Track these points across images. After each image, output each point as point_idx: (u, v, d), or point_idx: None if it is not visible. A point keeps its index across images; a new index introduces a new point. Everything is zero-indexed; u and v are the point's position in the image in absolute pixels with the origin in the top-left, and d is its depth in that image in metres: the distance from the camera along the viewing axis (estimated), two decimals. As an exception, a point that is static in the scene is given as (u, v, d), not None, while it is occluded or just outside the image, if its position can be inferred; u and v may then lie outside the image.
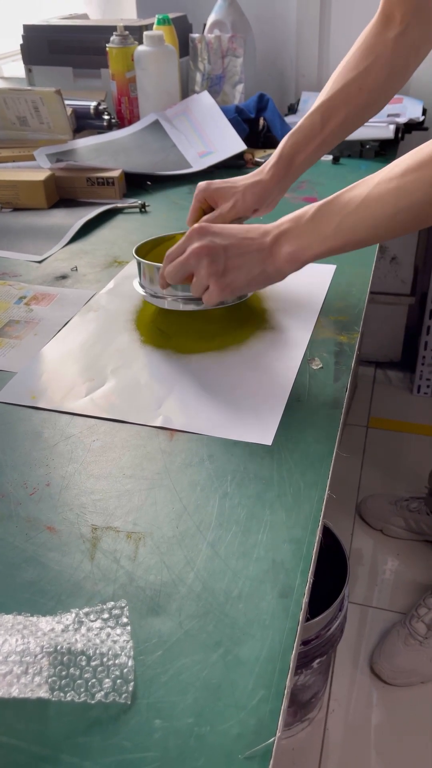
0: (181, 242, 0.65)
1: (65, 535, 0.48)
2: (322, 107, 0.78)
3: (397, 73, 0.78)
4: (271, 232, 0.62)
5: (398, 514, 1.53)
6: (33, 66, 1.42)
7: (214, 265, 0.62)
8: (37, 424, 0.60)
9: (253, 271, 0.63)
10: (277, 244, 0.62)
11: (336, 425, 0.58)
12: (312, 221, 0.60)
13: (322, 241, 0.60)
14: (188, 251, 0.63)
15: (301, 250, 0.61)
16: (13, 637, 0.39)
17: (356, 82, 0.77)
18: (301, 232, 0.61)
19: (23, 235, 0.97)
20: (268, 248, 0.62)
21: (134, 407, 0.61)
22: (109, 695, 0.37)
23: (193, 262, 0.63)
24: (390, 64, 0.77)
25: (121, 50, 1.26)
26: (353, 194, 0.59)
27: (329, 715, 1.21)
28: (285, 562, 0.45)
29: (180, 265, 0.64)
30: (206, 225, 0.63)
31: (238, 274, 0.63)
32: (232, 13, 1.38)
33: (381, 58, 0.77)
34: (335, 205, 0.59)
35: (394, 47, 0.76)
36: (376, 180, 0.57)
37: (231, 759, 0.34)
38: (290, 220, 0.62)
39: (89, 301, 0.79)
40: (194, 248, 0.63)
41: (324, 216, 0.60)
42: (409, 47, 0.77)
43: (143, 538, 0.48)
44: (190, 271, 0.64)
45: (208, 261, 0.62)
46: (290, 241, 0.61)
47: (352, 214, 0.58)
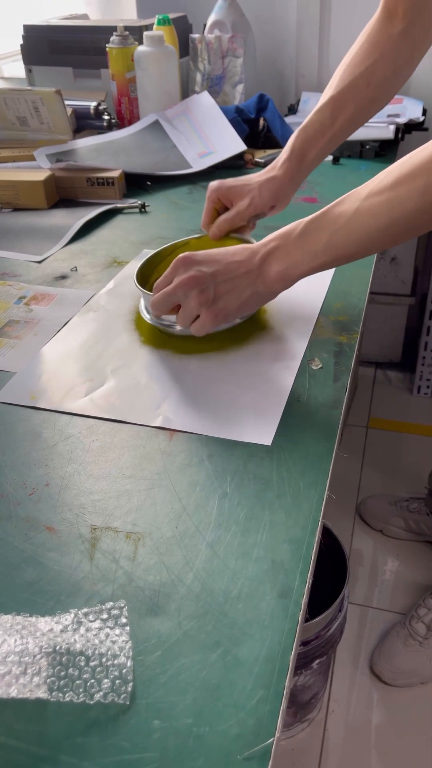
0: (167, 273, 0.64)
1: (64, 536, 0.48)
2: (331, 102, 0.78)
3: (401, 67, 0.79)
4: (258, 252, 0.62)
5: (398, 514, 1.53)
6: (33, 66, 1.42)
7: (203, 294, 0.61)
8: (37, 425, 0.60)
9: (243, 294, 0.62)
10: (266, 264, 0.61)
11: (336, 425, 0.58)
12: (301, 238, 0.60)
13: (313, 258, 0.60)
14: (175, 283, 0.62)
15: (291, 268, 0.61)
16: (12, 638, 0.39)
17: (363, 78, 0.77)
18: (291, 249, 0.60)
19: (23, 235, 0.97)
20: (257, 269, 0.62)
21: (134, 407, 0.61)
22: (108, 696, 0.37)
23: (180, 294, 0.62)
24: (395, 59, 0.78)
25: (121, 50, 1.26)
26: (343, 209, 0.58)
27: (329, 716, 1.21)
28: (284, 563, 0.45)
29: (167, 296, 0.63)
30: (190, 254, 0.62)
31: (228, 300, 0.62)
32: (232, 14, 1.38)
33: (386, 53, 0.77)
34: (324, 220, 0.59)
35: (398, 43, 0.77)
36: (365, 192, 0.57)
37: (230, 759, 0.34)
38: (278, 237, 0.62)
39: (89, 301, 0.79)
40: (181, 279, 0.62)
41: (313, 232, 0.59)
42: (413, 42, 0.78)
43: (142, 539, 0.48)
44: (176, 302, 0.63)
45: (197, 291, 0.61)
46: (279, 259, 0.61)
47: (342, 229, 0.58)
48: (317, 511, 0.50)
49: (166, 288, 0.63)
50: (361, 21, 0.81)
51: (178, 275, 0.63)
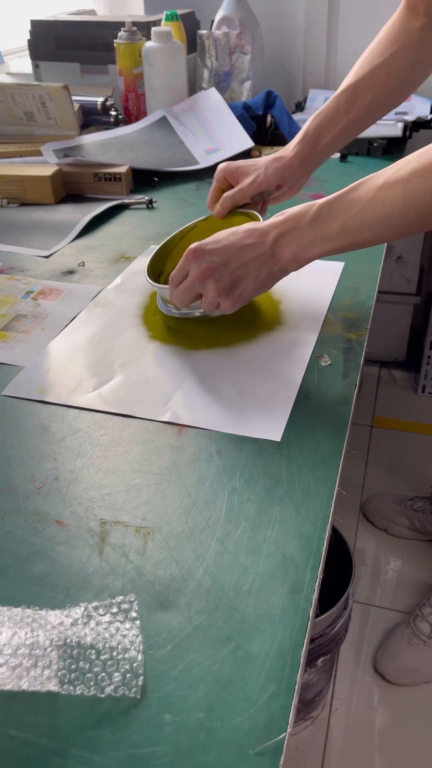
0: (181, 265, 0.64)
1: (74, 529, 0.48)
2: (348, 90, 0.78)
3: (422, 61, 0.79)
4: (269, 233, 0.62)
5: (402, 513, 1.53)
6: (40, 62, 1.41)
7: (219, 284, 0.62)
8: (45, 419, 0.59)
9: (259, 277, 0.63)
10: (278, 245, 0.61)
11: (345, 422, 0.58)
12: (314, 222, 0.60)
13: (326, 242, 0.60)
14: (191, 277, 0.63)
15: (303, 250, 0.61)
16: (23, 630, 0.39)
17: (383, 68, 0.77)
18: (303, 232, 0.60)
19: (30, 230, 0.97)
20: (270, 250, 0.62)
21: (142, 402, 0.61)
22: (119, 689, 0.37)
23: (198, 286, 0.63)
24: (415, 52, 0.77)
25: (128, 46, 1.25)
26: (358, 194, 0.58)
27: (332, 714, 1.21)
28: (295, 558, 0.45)
29: (186, 290, 0.64)
30: (199, 245, 0.63)
31: (246, 284, 0.63)
32: (240, 10, 1.37)
33: (407, 45, 0.77)
34: (339, 204, 0.59)
35: (419, 36, 0.77)
36: (381, 180, 0.57)
37: (242, 754, 0.34)
38: (290, 219, 0.61)
39: (96, 296, 0.79)
40: (196, 273, 0.62)
41: (327, 216, 0.59)
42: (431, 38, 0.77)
43: (152, 533, 0.47)
44: (197, 293, 0.64)
45: (213, 282, 0.62)
46: (292, 242, 0.61)
47: (357, 215, 0.58)
48: (327, 508, 0.49)
49: (184, 283, 0.64)
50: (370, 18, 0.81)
51: (192, 268, 0.63)
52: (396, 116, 1.31)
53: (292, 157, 0.78)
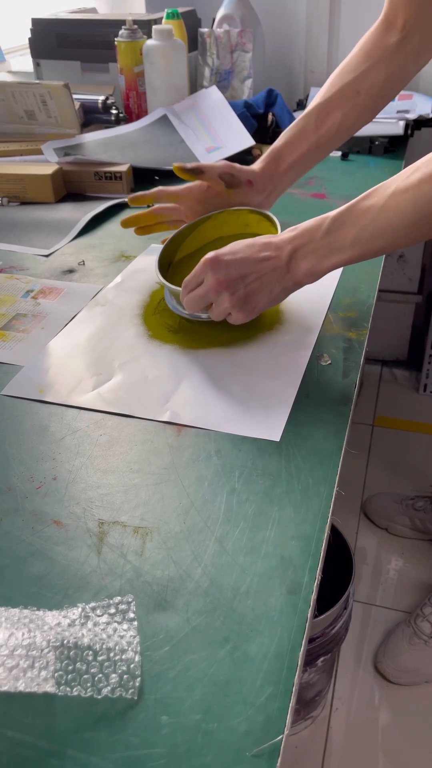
0: (196, 273, 0.64)
1: (72, 529, 0.48)
2: (318, 108, 0.77)
3: (394, 78, 0.78)
4: (284, 247, 0.62)
5: (404, 512, 1.52)
6: (41, 60, 1.41)
7: (234, 296, 0.62)
8: (44, 418, 0.59)
9: (273, 291, 0.63)
10: (294, 261, 0.62)
11: (345, 421, 0.58)
12: (328, 234, 0.60)
13: (340, 253, 0.60)
14: (206, 287, 0.63)
15: (318, 264, 0.61)
16: (20, 631, 0.39)
17: (353, 85, 0.76)
18: (318, 246, 0.61)
19: (30, 229, 0.97)
20: (285, 265, 0.62)
21: (141, 402, 0.61)
22: (116, 690, 0.37)
23: (212, 296, 0.63)
24: (388, 68, 0.77)
25: (129, 44, 1.25)
26: (369, 204, 0.58)
27: (333, 714, 1.20)
28: (293, 559, 0.45)
29: (199, 298, 0.64)
30: (217, 256, 0.63)
31: (260, 297, 0.63)
32: (241, 8, 1.37)
33: (380, 62, 0.76)
34: (351, 216, 0.59)
35: (393, 53, 0.76)
36: (391, 189, 0.57)
37: (239, 756, 0.34)
38: (304, 233, 0.61)
39: (96, 295, 0.79)
40: (211, 284, 0.62)
41: (340, 228, 0.59)
42: (409, 54, 0.77)
43: (150, 533, 0.47)
44: (210, 302, 0.64)
45: (228, 294, 0.62)
46: (307, 256, 0.61)
47: (369, 225, 0.58)
48: (326, 508, 0.49)
49: (198, 291, 0.64)
50: (370, 17, 0.80)
51: (207, 278, 0.63)
52: (397, 114, 1.30)
53: (260, 171, 0.77)
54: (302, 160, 0.78)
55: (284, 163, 0.78)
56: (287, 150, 0.78)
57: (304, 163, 0.79)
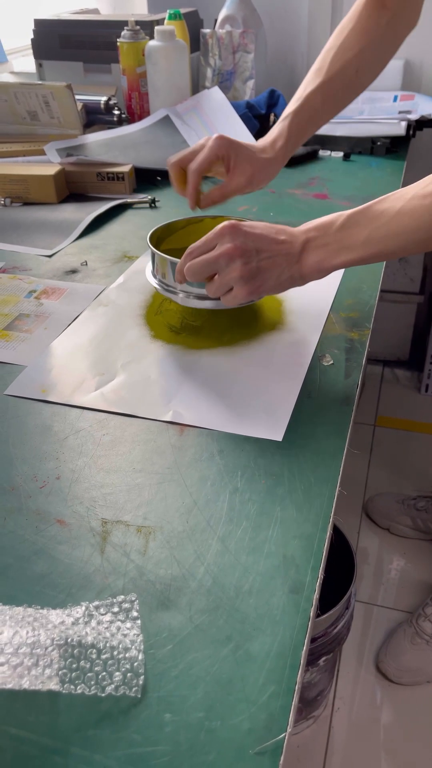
0: (208, 239, 0.62)
1: (75, 529, 0.48)
2: (324, 88, 0.78)
3: (385, 56, 0.80)
4: (299, 236, 0.62)
5: (405, 512, 1.53)
6: (43, 61, 1.41)
7: (246, 266, 0.60)
8: (47, 418, 0.59)
9: (282, 276, 0.62)
10: (305, 251, 0.61)
11: (347, 422, 0.58)
12: (341, 231, 0.60)
13: (350, 252, 0.60)
14: (219, 251, 0.61)
15: (327, 259, 0.61)
16: (24, 629, 0.39)
17: (353, 65, 0.77)
18: (329, 241, 0.61)
19: (33, 229, 0.97)
20: (297, 254, 0.62)
21: (144, 402, 0.61)
22: (120, 688, 0.37)
23: (223, 262, 0.61)
24: (380, 47, 0.78)
25: (131, 45, 1.25)
26: (385, 206, 0.58)
27: (334, 713, 1.21)
28: (296, 558, 0.45)
29: (207, 263, 0.62)
30: (238, 224, 0.62)
31: (267, 277, 0.62)
32: (243, 9, 1.37)
33: (374, 41, 0.78)
34: (366, 215, 0.59)
35: (385, 31, 0.78)
36: (409, 194, 0.57)
37: (242, 754, 0.34)
38: (317, 227, 0.62)
39: (99, 295, 0.79)
40: (227, 248, 0.60)
41: (353, 227, 0.60)
42: (397, 32, 0.79)
43: (153, 533, 0.47)
44: (215, 270, 0.62)
45: (241, 262, 0.60)
46: (318, 249, 0.61)
47: (383, 227, 0.58)
48: (328, 507, 0.49)
49: (209, 255, 0.62)
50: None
51: (223, 243, 0.61)
52: (399, 115, 1.30)
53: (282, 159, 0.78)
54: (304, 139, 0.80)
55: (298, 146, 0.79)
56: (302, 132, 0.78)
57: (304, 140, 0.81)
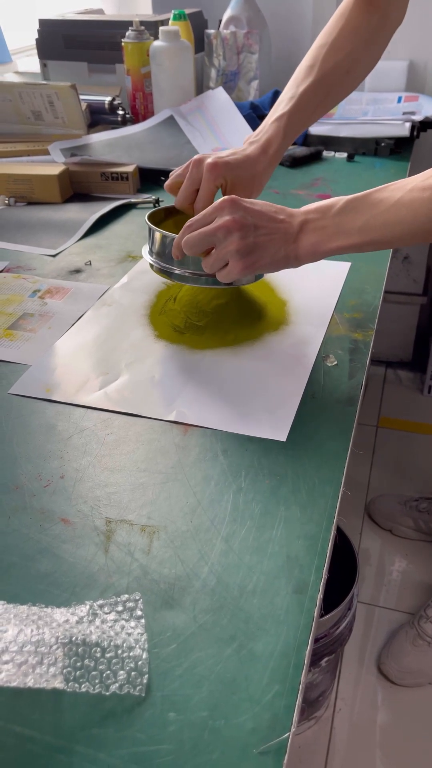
0: (207, 212, 0.62)
1: (79, 528, 0.48)
2: (316, 87, 0.76)
3: (374, 55, 0.80)
4: (297, 216, 0.62)
5: (407, 514, 1.52)
6: (48, 61, 1.42)
7: (243, 241, 0.60)
8: (51, 417, 0.60)
9: (278, 254, 0.62)
10: (302, 232, 0.61)
11: (351, 422, 0.58)
12: (339, 215, 0.60)
13: (346, 237, 0.60)
14: (218, 223, 0.60)
15: (323, 241, 0.61)
16: (29, 628, 0.39)
17: (344, 65, 0.77)
18: (327, 224, 0.61)
19: (37, 228, 0.97)
20: (294, 233, 0.61)
21: (148, 401, 0.61)
22: (124, 687, 0.37)
23: (220, 235, 0.60)
24: (370, 46, 0.78)
25: (136, 45, 1.26)
26: (384, 195, 0.59)
27: (336, 714, 1.21)
28: (299, 558, 0.45)
29: (205, 235, 0.61)
30: (238, 198, 0.61)
31: (263, 254, 0.61)
32: (247, 9, 1.37)
33: (365, 41, 0.77)
34: (365, 202, 0.59)
35: (375, 30, 0.77)
36: (409, 185, 0.57)
37: (246, 753, 0.34)
38: (317, 210, 0.62)
39: (103, 295, 0.79)
40: (225, 221, 0.60)
41: (351, 212, 0.60)
42: (386, 31, 0.79)
43: (157, 532, 0.48)
44: (212, 243, 0.61)
45: (238, 236, 0.60)
46: (315, 232, 0.61)
47: (380, 215, 0.58)
48: (332, 508, 0.50)
49: (206, 228, 0.61)
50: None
51: (222, 216, 0.61)
52: (404, 116, 1.30)
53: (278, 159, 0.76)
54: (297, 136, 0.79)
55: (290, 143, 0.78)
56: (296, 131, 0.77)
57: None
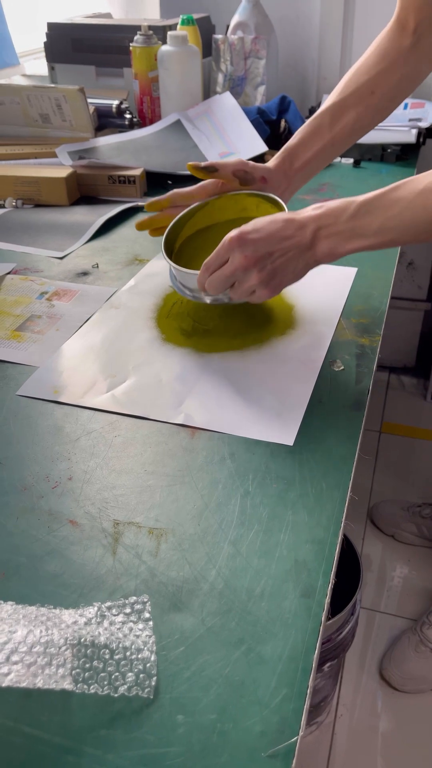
0: (219, 253, 0.64)
1: (87, 529, 0.48)
2: (333, 108, 0.78)
3: (408, 79, 0.79)
4: (308, 225, 0.62)
5: (410, 520, 1.52)
6: (56, 64, 1.42)
7: (262, 272, 0.63)
8: (59, 419, 0.60)
9: (297, 267, 0.64)
10: (317, 239, 0.62)
11: (358, 427, 0.58)
12: (353, 219, 0.61)
13: (363, 239, 0.61)
14: (233, 265, 0.63)
15: (340, 245, 0.62)
16: (38, 629, 0.39)
17: (368, 86, 0.77)
18: (342, 228, 0.61)
19: (45, 231, 0.98)
20: (308, 243, 0.62)
21: (156, 404, 0.61)
22: (132, 689, 0.37)
23: (239, 274, 0.63)
24: (402, 70, 0.78)
25: (144, 50, 1.26)
26: (397, 196, 0.59)
27: (337, 720, 1.20)
28: (307, 562, 0.45)
29: (225, 278, 0.64)
30: (243, 234, 0.62)
31: (285, 274, 0.64)
32: (255, 15, 1.38)
33: (394, 64, 0.77)
34: (378, 204, 0.60)
35: (408, 55, 0.77)
36: (422, 185, 0.58)
37: (254, 756, 0.34)
38: (329, 214, 0.62)
39: (110, 298, 0.80)
40: (240, 262, 0.62)
41: (365, 215, 0.60)
42: (422, 56, 0.78)
43: (165, 535, 0.48)
44: (234, 281, 0.65)
45: (256, 270, 0.63)
46: (330, 237, 0.62)
47: (396, 217, 0.59)
48: (340, 513, 0.50)
49: (223, 270, 0.64)
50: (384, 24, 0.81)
51: (234, 256, 0.63)
52: (410, 122, 1.31)
53: (274, 168, 0.78)
54: (316, 159, 0.79)
55: (298, 161, 0.79)
56: (302, 148, 0.78)
57: (317, 161, 0.80)
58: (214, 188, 0.79)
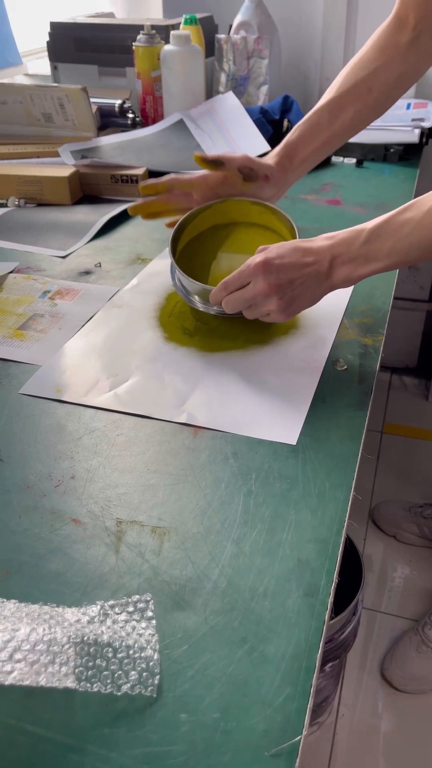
0: (242, 275, 0.64)
1: (90, 528, 0.48)
2: (331, 104, 0.79)
3: (406, 75, 0.79)
4: (324, 255, 0.63)
5: (412, 520, 1.52)
6: (59, 63, 1.42)
7: (281, 300, 0.63)
8: (62, 417, 0.60)
9: (315, 295, 0.65)
10: (333, 268, 0.63)
11: (361, 427, 0.58)
12: (366, 245, 0.62)
13: (376, 262, 0.62)
14: (255, 289, 0.64)
15: (355, 271, 0.63)
16: (41, 627, 0.39)
17: (366, 82, 0.78)
18: (356, 255, 0.63)
19: (47, 230, 0.98)
20: (326, 272, 0.63)
21: (158, 403, 0.61)
22: (135, 687, 0.37)
23: (260, 299, 0.64)
24: (401, 67, 0.78)
25: (147, 49, 1.26)
26: (406, 218, 0.60)
27: (339, 720, 1.20)
28: (310, 562, 0.45)
29: (245, 300, 0.65)
30: (268, 261, 0.63)
31: (302, 300, 0.65)
32: (258, 15, 1.38)
33: (392, 60, 0.78)
34: (388, 228, 0.61)
35: (406, 51, 0.78)
36: (428, 205, 0.59)
37: (257, 755, 0.34)
38: (342, 243, 0.63)
39: (113, 297, 0.80)
40: (261, 288, 0.63)
41: (376, 240, 0.61)
42: (421, 53, 0.78)
43: (168, 533, 0.48)
44: (251, 304, 0.65)
45: (276, 297, 0.63)
46: (345, 264, 0.63)
47: (405, 239, 0.60)
48: (343, 512, 0.50)
49: (244, 293, 0.65)
50: (387, 25, 0.81)
51: (257, 282, 0.63)
52: (413, 122, 1.31)
53: (275, 165, 0.79)
54: (314, 155, 0.80)
55: (297, 158, 0.80)
56: (301, 145, 0.79)
57: (315, 157, 0.81)
58: (216, 180, 0.79)
